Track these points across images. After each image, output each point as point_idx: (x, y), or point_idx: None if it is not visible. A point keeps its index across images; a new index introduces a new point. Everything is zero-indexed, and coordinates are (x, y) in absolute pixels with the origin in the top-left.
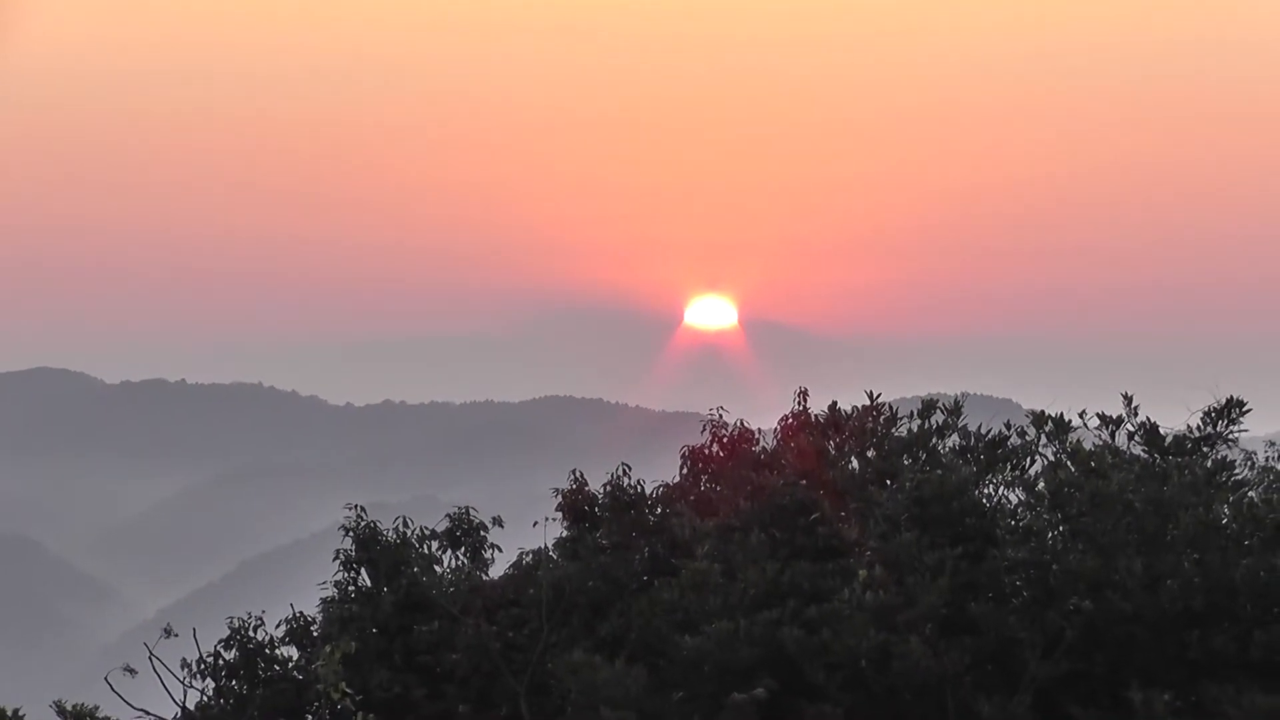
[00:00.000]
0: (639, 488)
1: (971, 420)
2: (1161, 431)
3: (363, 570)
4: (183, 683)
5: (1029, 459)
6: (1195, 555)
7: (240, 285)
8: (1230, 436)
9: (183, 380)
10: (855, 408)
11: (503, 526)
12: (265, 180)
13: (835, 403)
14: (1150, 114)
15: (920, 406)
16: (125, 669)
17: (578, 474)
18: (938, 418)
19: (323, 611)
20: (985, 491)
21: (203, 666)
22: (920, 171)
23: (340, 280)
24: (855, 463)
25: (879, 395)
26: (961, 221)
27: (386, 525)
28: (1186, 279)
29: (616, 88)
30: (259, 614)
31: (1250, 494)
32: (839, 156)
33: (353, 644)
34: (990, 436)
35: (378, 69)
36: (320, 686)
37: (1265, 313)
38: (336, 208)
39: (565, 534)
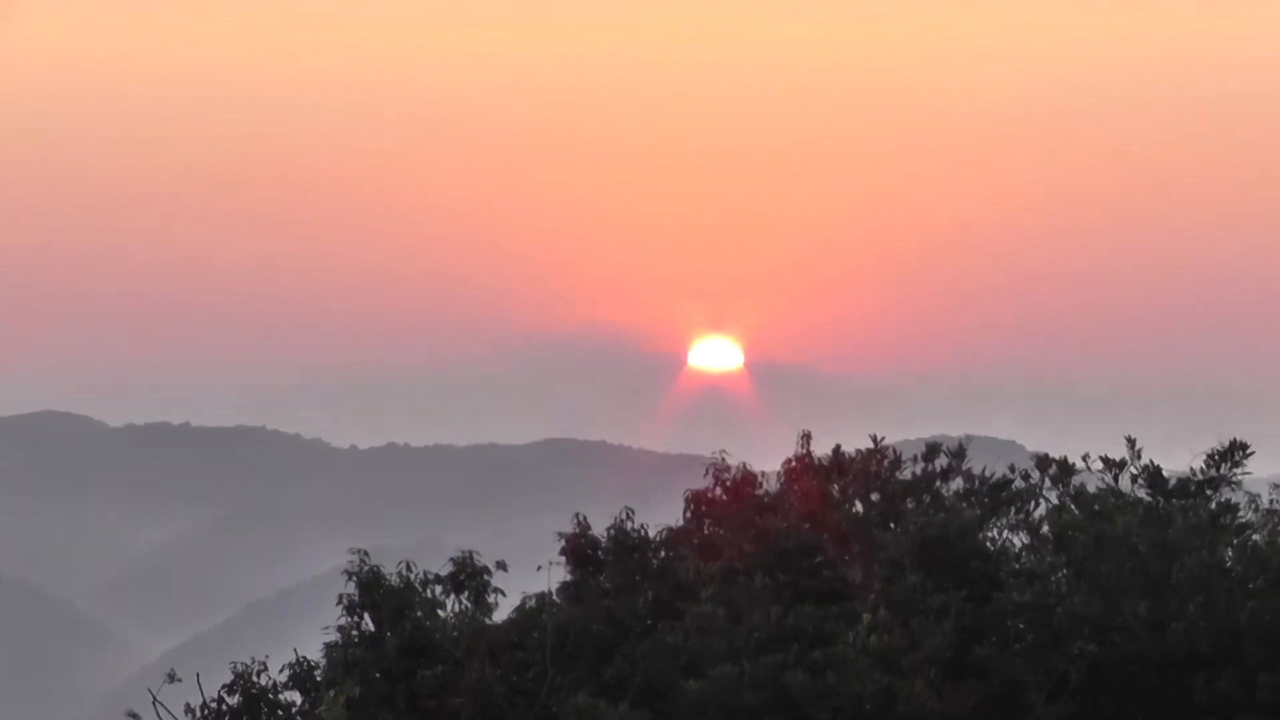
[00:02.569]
0: (643, 531)
1: (975, 462)
2: (1165, 474)
3: (366, 614)
4: None
5: (1033, 502)
6: (1200, 598)
7: (244, 328)
8: (1234, 479)
9: (187, 423)
10: (859, 450)
11: (506, 570)
12: (266, 223)
13: (839, 446)
14: (1155, 151)
15: (924, 449)
16: (129, 714)
17: (581, 518)
18: (941, 461)
19: (326, 656)
20: (990, 535)
21: (206, 712)
22: (922, 208)
23: (344, 321)
24: (859, 506)
25: (883, 438)
26: (966, 258)
27: (390, 569)
28: (1192, 319)
29: (619, 124)
30: (262, 659)
31: (1255, 537)
32: (842, 195)
33: (356, 688)
34: (994, 480)
35: (378, 105)
36: None
37: (1271, 353)
38: (338, 248)
39: (569, 578)
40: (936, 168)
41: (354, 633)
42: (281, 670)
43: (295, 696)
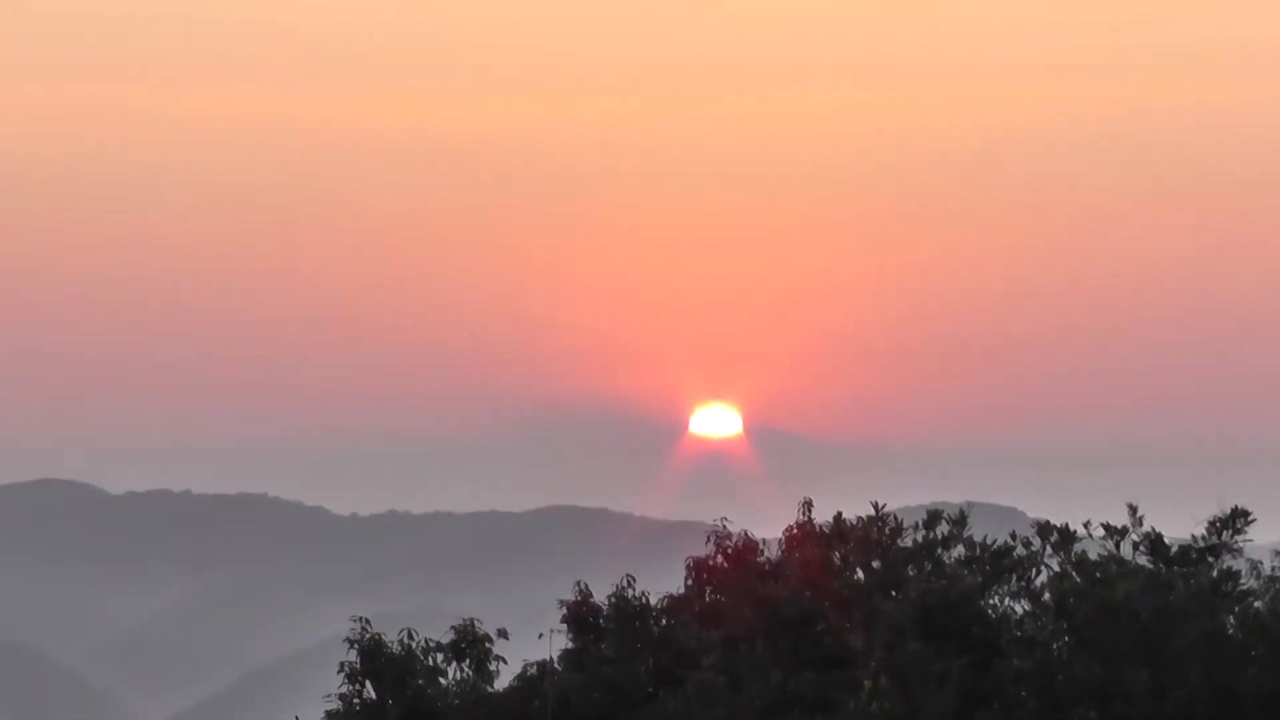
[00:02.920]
0: (644, 599)
1: (977, 529)
2: (1167, 541)
3: (368, 682)
4: None
5: (1035, 569)
6: (1201, 665)
7: (245, 395)
8: (1236, 546)
9: (188, 490)
10: (860, 518)
11: (507, 638)
12: (267, 291)
13: (840, 513)
14: (1152, 216)
15: (925, 517)
16: None
17: (582, 585)
18: (943, 528)
19: None
20: (991, 602)
21: None
22: (920, 274)
23: (345, 389)
24: (860, 573)
25: (884, 506)
26: (966, 324)
27: (391, 636)
28: (1194, 384)
29: (618, 194)
30: None
31: (1256, 604)
32: (841, 262)
33: None
34: (996, 547)
35: (377, 172)
36: None
37: (1275, 419)
38: (339, 316)
39: (570, 645)
40: (935, 233)
41: (355, 701)
42: None
43: None
